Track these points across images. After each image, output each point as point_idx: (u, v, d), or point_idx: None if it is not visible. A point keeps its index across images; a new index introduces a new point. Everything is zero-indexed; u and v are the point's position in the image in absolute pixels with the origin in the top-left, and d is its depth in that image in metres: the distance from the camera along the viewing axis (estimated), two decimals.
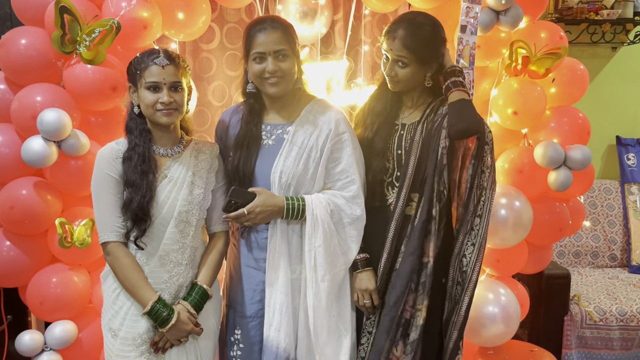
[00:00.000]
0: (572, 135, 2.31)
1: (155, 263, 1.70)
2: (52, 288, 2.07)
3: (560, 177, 2.25)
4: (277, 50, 1.71)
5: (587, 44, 3.42)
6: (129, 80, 1.73)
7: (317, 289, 1.75)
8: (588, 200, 3.35)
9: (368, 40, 2.68)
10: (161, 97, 1.67)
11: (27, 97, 1.99)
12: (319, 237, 1.75)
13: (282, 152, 1.77)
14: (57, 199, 2.08)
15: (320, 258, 1.75)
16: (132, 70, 1.70)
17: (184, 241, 1.73)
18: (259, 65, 1.72)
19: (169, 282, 1.71)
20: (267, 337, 1.75)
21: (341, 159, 1.81)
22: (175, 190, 1.72)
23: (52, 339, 2.07)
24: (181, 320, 1.67)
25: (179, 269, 1.72)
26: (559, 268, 2.81)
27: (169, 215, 1.70)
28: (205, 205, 1.78)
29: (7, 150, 2.03)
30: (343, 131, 1.81)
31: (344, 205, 1.79)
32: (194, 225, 1.74)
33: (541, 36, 2.26)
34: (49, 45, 2.01)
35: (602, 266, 3.35)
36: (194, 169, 1.76)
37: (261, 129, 1.81)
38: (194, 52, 2.68)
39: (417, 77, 1.82)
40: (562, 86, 2.36)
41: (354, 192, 1.80)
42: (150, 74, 1.66)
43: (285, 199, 1.74)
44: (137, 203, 1.65)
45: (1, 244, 2.07)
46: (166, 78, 1.67)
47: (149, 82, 1.66)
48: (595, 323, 2.79)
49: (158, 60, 1.67)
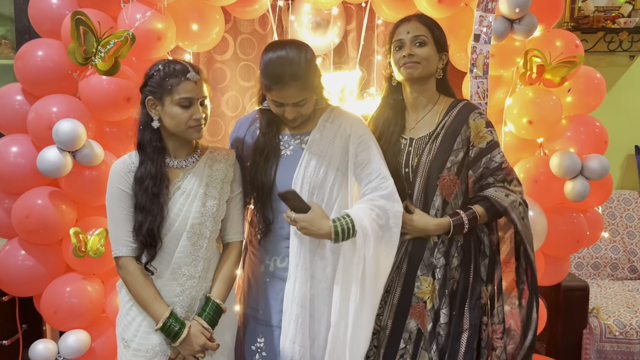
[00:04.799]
0: (589, 144, 2.27)
1: (168, 276, 1.69)
2: (66, 297, 2.08)
3: (577, 187, 2.21)
4: (296, 102, 1.70)
5: (604, 53, 3.38)
6: (149, 94, 1.65)
7: (362, 302, 1.68)
8: (607, 211, 3.29)
9: (381, 50, 2.68)
10: (194, 113, 1.64)
11: (43, 108, 2.02)
12: (370, 249, 1.69)
13: (301, 162, 1.76)
14: (71, 208, 2.10)
15: (371, 269, 1.69)
16: (158, 84, 1.64)
17: (196, 254, 1.70)
18: (277, 108, 1.73)
19: (181, 296, 1.69)
20: (283, 348, 1.73)
21: (369, 159, 1.77)
22: (188, 202, 1.69)
23: (65, 348, 2.07)
24: (192, 334, 1.66)
25: (191, 282, 1.70)
26: (577, 280, 2.76)
27: (182, 229, 1.68)
28: (219, 216, 1.75)
29: (23, 160, 2.05)
30: (363, 133, 1.80)
31: (387, 205, 1.72)
32: (207, 237, 1.71)
33: (556, 45, 2.24)
34: (65, 56, 2.04)
35: (621, 278, 3.28)
36: (208, 180, 1.73)
37: (279, 140, 1.81)
38: (208, 62, 2.70)
39: (433, 62, 1.78)
40: (579, 95, 2.32)
41: (391, 187, 1.74)
42: (184, 89, 1.62)
43: (332, 221, 1.67)
44: (146, 229, 1.63)
45: (17, 253, 2.09)
46: (199, 93, 1.65)
47: (183, 97, 1.62)
48: (615, 337, 2.73)
49: (190, 75, 1.63)
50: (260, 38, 2.71)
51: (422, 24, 1.79)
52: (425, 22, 1.80)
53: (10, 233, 2.13)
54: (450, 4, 2.24)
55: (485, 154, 1.77)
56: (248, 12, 2.42)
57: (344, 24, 2.62)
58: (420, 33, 1.77)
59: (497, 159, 1.77)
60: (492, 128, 1.79)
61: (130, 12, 2.09)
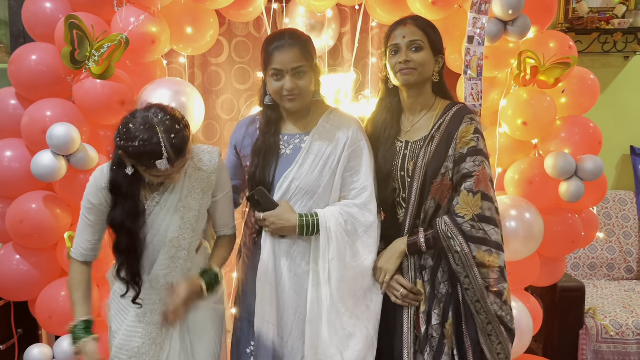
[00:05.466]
0: (583, 145, 2.28)
1: (147, 286, 1.70)
2: (61, 302, 2.07)
3: (571, 188, 2.21)
4: (295, 67, 1.71)
5: (598, 54, 3.39)
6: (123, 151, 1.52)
7: (332, 301, 1.75)
8: (602, 212, 3.30)
9: (376, 52, 2.68)
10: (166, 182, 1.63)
11: (37, 112, 2.02)
12: (332, 251, 1.75)
13: (298, 160, 1.78)
14: (66, 212, 2.09)
15: (335, 272, 1.75)
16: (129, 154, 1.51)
17: (174, 265, 1.70)
18: (277, 82, 1.73)
19: (159, 304, 1.70)
20: (259, 330, 1.76)
21: (357, 167, 1.82)
22: (168, 217, 1.67)
23: (60, 353, 2.07)
24: (85, 351, 1.67)
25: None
26: (574, 281, 2.76)
27: (161, 243, 1.68)
28: (199, 227, 1.73)
29: (17, 164, 2.05)
30: (360, 139, 1.83)
31: (358, 214, 1.79)
32: (186, 248, 1.71)
33: (550, 46, 2.24)
34: (58, 60, 2.04)
35: (618, 279, 3.29)
36: (188, 192, 1.69)
37: (279, 139, 1.82)
38: (203, 66, 2.70)
39: (429, 67, 1.76)
40: (573, 96, 2.33)
41: (366, 198, 1.79)
42: (156, 171, 1.51)
43: (299, 216, 1.75)
44: (128, 270, 1.64)
45: (11, 257, 2.09)
46: (170, 174, 1.55)
47: (154, 176, 1.55)
48: (612, 337, 2.73)
49: (160, 164, 1.47)
50: (255, 41, 2.71)
51: (418, 27, 1.76)
52: (421, 25, 1.77)
53: (5, 238, 2.13)
54: (443, 6, 2.24)
55: (462, 161, 1.71)
56: (243, 15, 2.43)
57: (339, 26, 2.62)
58: (416, 38, 1.75)
59: (469, 166, 1.70)
60: (480, 135, 1.74)
61: (124, 15, 2.09)
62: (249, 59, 2.73)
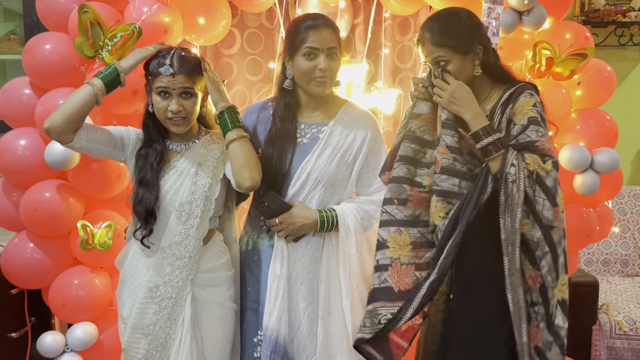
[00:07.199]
0: (598, 138, 2.25)
1: (158, 255, 1.72)
2: (73, 290, 2.08)
3: (586, 181, 2.19)
4: (330, 47, 1.70)
5: (614, 47, 3.34)
6: (146, 78, 1.74)
7: (353, 297, 1.76)
8: (617, 207, 3.26)
9: (388, 43, 2.67)
10: (171, 104, 1.67)
11: (51, 101, 2.02)
12: (352, 247, 1.76)
13: (315, 150, 1.77)
14: (79, 201, 2.10)
15: (355, 266, 1.76)
16: (147, 71, 1.71)
17: (187, 233, 1.71)
18: (309, 62, 1.70)
19: (171, 275, 1.72)
20: (267, 325, 1.74)
21: (375, 164, 1.83)
22: (179, 181, 1.72)
23: (73, 340, 2.08)
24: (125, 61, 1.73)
25: (181, 261, 1.72)
26: (587, 276, 2.73)
27: (171, 207, 1.71)
28: (212, 195, 1.75)
29: (31, 153, 2.06)
30: (378, 136, 1.84)
31: (374, 211, 1.80)
32: (198, 216, 1.72)
33: (566, 37, 2.22)
34: (72, 50, 2.04)
35: (632, 275, 3.25)
36: (202, 159, 1.75)
37: (297, 127, 1.80)
38: (215, 57, 2.70)
39: (465, 70, 1.67)
40: (589, 88, 2.30)
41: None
42: (160, 80, 1.67)
43: (319, 212, 1.74)
44: (144, 204, 1.68)
45: (25, 246, 2.10)
46: (175, 85, 1.66)
47: (159, 87, 1.67)
48: (625, 333, 2.70)
49: (163, 70, 1.65)
50: (267, 32, 2.71)
51: (434, 44, 1.64)
52: (436, 41, 1.64)
53: (18, 226, 2.14)
54: None
55: (523, 131, 1.60)
56: (255, 5, 2.42)
57: (351, 17, 2.60)
58: (438, 54, 1.64)
59: (533, 135, 1.59)
60: (539, 108, 1.64)
61: (137, 5, 2.09)
62: (261, 50, 2.72)
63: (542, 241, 1.59)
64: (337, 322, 1.78)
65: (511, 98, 1.67)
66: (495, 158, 1.59)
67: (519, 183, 1.56)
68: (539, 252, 1.60)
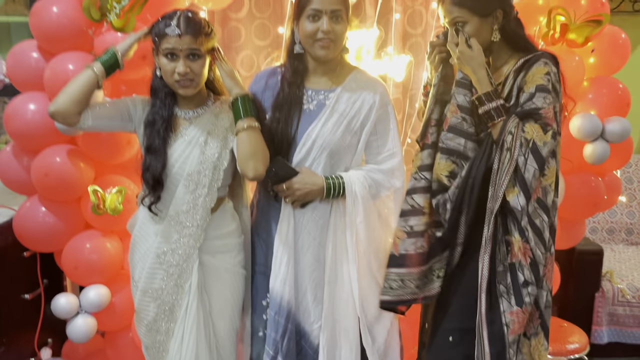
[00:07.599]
0: (610, 106, 2.23)
1: (166, 222, 1.74)
2: (85, 254, 2.12)
3: (597, 150, 2.18)
4: (334, 10, 1.68)
5: (628, 13, 3.28)
6: (153, 42, 1.72)
7: (359, 264, 1.78)
8: (624, 176, 3.26)
9: (399, 8, 2.61)
10: (178, 66, 1.65)
11: (59, 66, 2.01)
12: (359, 214, 1.76)
13: (321, 117, 1.76)
14: (89, 166, 2.11)
15: (362, 233, 1.77)
16: (154, 33, 1.69)
17: (195, 202, 1.72)
18: (312, 24, 1.68)
19: (178, 242, 1.74)
20: (273, 288, 1.78)
21: (384, 132, 1.81)
22: (188, 149, 1.72)
23: (86, 302, 2.13)
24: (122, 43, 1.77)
25: (188, 230, 1.73)
26: (592, 244, 2.76)
27: (179, 175, 1.71)
28: (220, 165, 1.75)
29: (41, 118, 2.05)
30: (387, 103, 1.82)
31: (383, 180, 1.80)
32: (206, 185, 1.72)
33: (581, 3, 2.17)
34: (80, 13, 2.01)
35: (636, 243, 3.27)
36: (211, 128, 1.74)
37: (303, 93, 1.79)
38: (223, 21, 2.65)
39: (483, 34, 1.66)
40: (602, 55, 2.26)
41: (395, 164, 1.81)
42: (167, 41, 1.65)
43: (325, 178, 1.75)
44: (152, 171, 1.69)
45: (37, 210, 2.13)
46: (183, 46, 1.64)
47: (165, 48, 1.66)
48: (628, 300, 2.74)
49: (169, 30, 1.63)
50: None
51: (454, 4, 1.64)
52: (456, 1, 1.64)
53: (30, 190, 2.15)
54: None
55: (529, 99, 1.59)
56: None
57: None
58: (456, 15, 1.64)
59: (539, 102, 1.58)
60: (552, 78, 1.61)
61: None
62: (269, 14, 2.67)
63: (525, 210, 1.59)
64: (343, 288, 1.81)
65: (524, 66, 1.65)
66: (496, 125, 1.61)
67: (513, 151, 1.57)
68: (524, 222, 1.60)
